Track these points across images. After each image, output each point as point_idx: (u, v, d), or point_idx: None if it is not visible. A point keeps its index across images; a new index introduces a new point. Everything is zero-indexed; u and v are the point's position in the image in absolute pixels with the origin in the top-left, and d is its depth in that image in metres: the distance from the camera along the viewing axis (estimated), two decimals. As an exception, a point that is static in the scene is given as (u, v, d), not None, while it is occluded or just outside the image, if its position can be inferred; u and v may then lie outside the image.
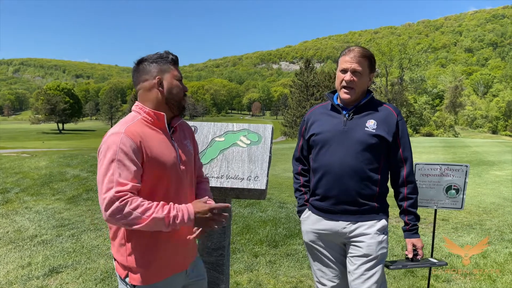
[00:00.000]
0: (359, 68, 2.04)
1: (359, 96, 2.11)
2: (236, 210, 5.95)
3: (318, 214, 2.17)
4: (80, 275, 3.79)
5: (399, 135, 2.09)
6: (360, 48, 2.09)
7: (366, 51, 2.09)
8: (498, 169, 11.99)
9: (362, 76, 2.06)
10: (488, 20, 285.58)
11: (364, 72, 2.06)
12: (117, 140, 1.54)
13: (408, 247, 2.14)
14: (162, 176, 1.63)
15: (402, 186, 2.13)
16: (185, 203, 1.71)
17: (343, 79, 2.07)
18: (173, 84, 1.72)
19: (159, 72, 1.69)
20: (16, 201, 6.77)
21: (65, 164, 9.93)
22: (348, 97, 2.08)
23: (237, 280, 3.68)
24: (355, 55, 2.05)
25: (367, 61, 2.07)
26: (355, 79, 2.04)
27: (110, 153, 1.53)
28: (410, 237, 2.13)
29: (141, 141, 1.58)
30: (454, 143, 25.52)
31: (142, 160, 1.57)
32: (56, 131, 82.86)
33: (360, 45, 2.25)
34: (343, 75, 2.08)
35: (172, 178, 1.66)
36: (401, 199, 2.14)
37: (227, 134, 2.44)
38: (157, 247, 1.64)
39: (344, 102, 2.13)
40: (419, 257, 2.13)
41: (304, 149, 2.29)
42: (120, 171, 1.51)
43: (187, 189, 1.75)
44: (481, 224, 5.47)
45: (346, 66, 2.06)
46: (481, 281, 3.63)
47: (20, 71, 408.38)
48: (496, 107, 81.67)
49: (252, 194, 2.22)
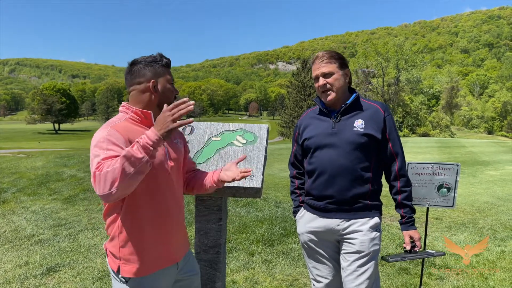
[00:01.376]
0: (327, 70, 2.11)
1: (341, 95, 2.16)
2: (233, 210, 5.99)
3: (313, 212, 2.23)
4: (78, 274, 3.82)
5: (387, 131, 2.14)
6: (324, 52, 2.18)
7: (330, 52, 2.17)
8: (492, 169, 12.09)
9: (334, 75, 2.12)
10: (484, 21, 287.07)
11: (335, 71, 2.12)
12: (104, 132, 1.56)
13: (406, 239, 2.19)
14: (149, 172, 1.62)
15: (395, 180, 2.18)
16: (173, 199, 1.76)
17: (318, 86, 2.16)
18: (166, 87, 1.76)
19: (153, 75, 1.72)
20: (13, 201, 6.78)
21: (62, 164, 9.94)
22: (330, 98, 2.14)
23: (234, 278, 3.73)
24: (320, 59, 2.14)
25: (334, 60, 2.13)
26: (328, 81, 2.12)
27: (95, 142, 1.55)
28: (407, 229, 2.18)
29: (128, 136, 1.60)
30: (450, 143, 25.67)
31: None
32: (52, 131, 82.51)
33: (326, 50, 2.30)
34: (317, 83, 2.16)
35: (160, 174, 1.70)
36: (395, 192, 2.19)
37: (223, 133, 2.48)
38: (149, 237, 1.68)
39: (329, 104, 2.19)
40: (417, 248, 2.18)
41: (298, 154, 2.36)
42: (105, 152, 1.50)
43: (175, 185, 1.79)
44: (474, 223, 5.54)
45: (316, 73, 2.16)
46: (473, 278, 3.69)
47: (16, 71, 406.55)
48: (492, 108, 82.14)
49: (248, 192, 2.26)
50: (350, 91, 2.23)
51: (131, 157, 1.41)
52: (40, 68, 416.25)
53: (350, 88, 2.24)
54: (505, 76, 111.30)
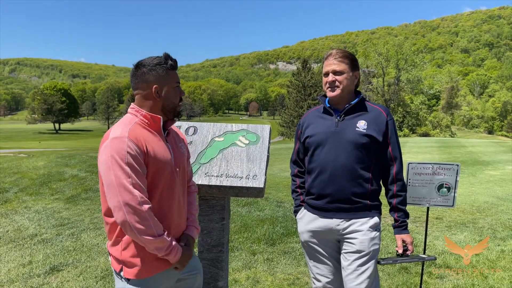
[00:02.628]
0: (339, 68, 2.14)
1: (347, 95, 2.19)
2: (234, 209, 6.02)
3: (313, 212, 2.25)
4: (81, 273, 3.85)
5: (389, 134, 2.17)
6: (338, 50, 2.20)
7: (344, 52, 2.20)
8: (492, 169, 12.11)
9: (344, 75, 2.15)
10: (484, 21, 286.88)
11: (345, 70, 2.15)
12: (123, 144, 1.59)
13: (398, 242, 2.23)
14: (159, 177, 1.69)
15: (392, 184, 2.21)
16: (177, 203, 1.79)
17: (327, 81, 2.18)
18: (170, 91, 1.75)
19: (156, 80, 1.71)
20: (15, 200, 6.81)
21: (63, 164, 9.96)
22: (333, 94, 2.17)
23: (236, 277, 3.76)
24: (334, 57, 2.17)
25: (347, 60, 2.16)
26: (337, 78, 2.15)
27: (119, 156, 1.58)
28: (400, 233, 2.22)
29: (143, 143, 1.64)
30: (450, 143, 25.69)
31: (144, 161, 1.64)
32: (52, 131, 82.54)
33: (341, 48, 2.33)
34: (326, 78, 2.19)
35: (167, 179, 1.72)
36: (390, 196, 2.23)
37: (226, 134, 2.51)
38: None
39: (333, 102, 2.22)
40: (409, 252, 2.21)
41: (301, 152, 2.38)
42: (135, 176, 1.58)
43: (179, 189, 1.82)
44: (474, 223, 5.57)
45: (327, 69, 2.18)
46: (473, 277, 3.72)
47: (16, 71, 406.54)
48: (492, 108, 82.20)
49: (251, 192, 2.29)
50: (356, 93, 2.26)
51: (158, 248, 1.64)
52: (41, 68, 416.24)
53: (356, 91, 2.27)
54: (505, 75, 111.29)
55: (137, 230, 1.56)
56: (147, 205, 1.58)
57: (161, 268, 1.72)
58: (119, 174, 1.56)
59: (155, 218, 1.61)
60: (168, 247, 1.65)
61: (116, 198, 1.56)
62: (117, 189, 1.56)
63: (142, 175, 1.61)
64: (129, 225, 1.56)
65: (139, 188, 1.58)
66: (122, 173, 1.56)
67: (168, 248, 1.65)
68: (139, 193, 1.57)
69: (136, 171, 1.59)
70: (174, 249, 1.68)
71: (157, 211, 1.69)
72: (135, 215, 1.55)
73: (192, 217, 1.94)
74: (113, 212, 1.58)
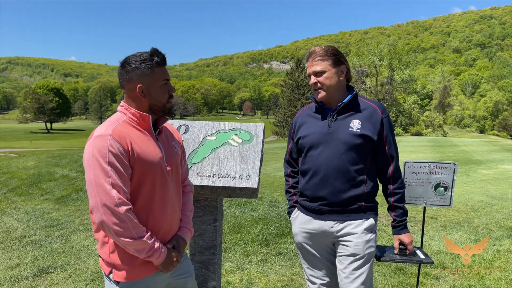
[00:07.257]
0: (319, 68, 2.06)
1: (335, 93, 2.10)
2: (228, 210, 5.95)
3: (308, 214, 2.19)
4: (70, 276, 3.75)
5: (384, 133, 2.09)
6: (318, 48, 2.10)
7: (324, 48, 2.09)
8: (485, 168, 12.16)
9: (325, 74, 2.06)
10: (476, 21, 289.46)
11: (327, 69, 2.06)
12: (105, 142, 1.54)
13: (395, 243, 2.18)
14: (146, 176, 1.63)
15: (389, 182, 2.15)
16: (169, 203, 1.72)
17: (310, 84, 2.12)
18: (157, 90, 1.67)
19: (141, 78, 1.63)
20: (4, 201, 6.67)
21: (54, 164, 9.82)
22: (320, 97, 2.10)
23: (229, 279, 3.69)
24: (313, 58, 2.08)
25: (327, 57, 2.06)
26: (319, 80, 2.07)
27: (97, 151, 1.53)
28: (398, 233, 2.17)
29: (127, 142, 1.58)
30: (442, 143, 25.83)
31: (129, 160, 1.58)
32: (44, 131, 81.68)
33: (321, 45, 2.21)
34: (310, 80, 2.12)
35: (157, 178, 1.67)
36: (388, 194, 2.17)
37: (219, 133, 2.44)
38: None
39: (324, 102, 2.14)
40: (408, 252, 2.16)
41: (294, 152, 2.31)
42: (116, 176, 1.52)
43: (172, 188, 1.76)
44: (469, 222, 5.55)
45: (309, 71, 2.11)
46: (470, 278, 3.69)
47: (7, 70, 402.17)
48: (484, 107, 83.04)
49: (244, 192, 2.22)
50: (349, 88, 2.18)
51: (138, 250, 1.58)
52: (32, 66, 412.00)
53: (348, 86, 2.18)
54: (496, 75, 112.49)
55: (115, 231, 1.51)
56: (125, 207, 1.52)
57: (151, 271, 1.67)
58: (98, 174, 1.51)
59: (135, 220, 1.55)
60: (149, 249, 1.59)
61: (95, 199, 1.51)
62: (95, 189, 1.51)
63: (124, 174, 1.55)
64: (106, 226, 1.51)
65: (118, 189, 1.52)
66: (101, 172, 1.51)
67: (149, 250, 1.60)
68: (117, 194, 1.51)
69: (117, 171, 1.53)
70: (156, 252, 1.62)
71: (145, 211, 1.64)
72: (112, 217, 1.50)
73: (186, 218, 1.87)
74: (92, 212, 1.54)
